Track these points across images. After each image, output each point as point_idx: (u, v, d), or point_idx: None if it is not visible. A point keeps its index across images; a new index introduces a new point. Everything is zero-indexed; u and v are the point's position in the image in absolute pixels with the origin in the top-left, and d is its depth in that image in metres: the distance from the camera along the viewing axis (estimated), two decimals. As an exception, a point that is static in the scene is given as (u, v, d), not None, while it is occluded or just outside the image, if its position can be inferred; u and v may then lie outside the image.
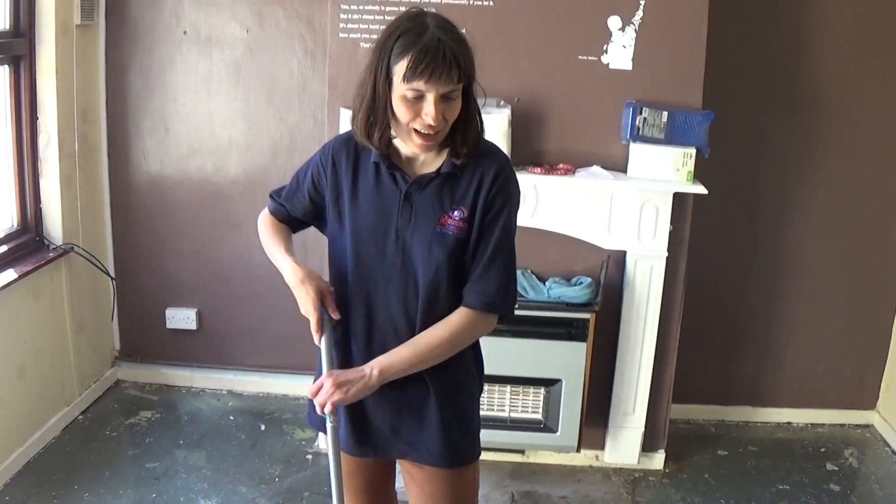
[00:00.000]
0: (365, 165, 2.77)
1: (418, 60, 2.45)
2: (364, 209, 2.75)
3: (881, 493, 5.18)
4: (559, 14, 4.73)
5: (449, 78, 2.49)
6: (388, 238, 2.73)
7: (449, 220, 2.71)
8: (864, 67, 5.40)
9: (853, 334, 5.83)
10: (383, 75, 2.53)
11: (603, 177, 4.70)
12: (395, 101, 2.55)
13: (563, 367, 4.84)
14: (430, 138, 2.61)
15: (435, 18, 2.56)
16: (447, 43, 2.48)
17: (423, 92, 2.50)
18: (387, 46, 2.52)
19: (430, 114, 2.52)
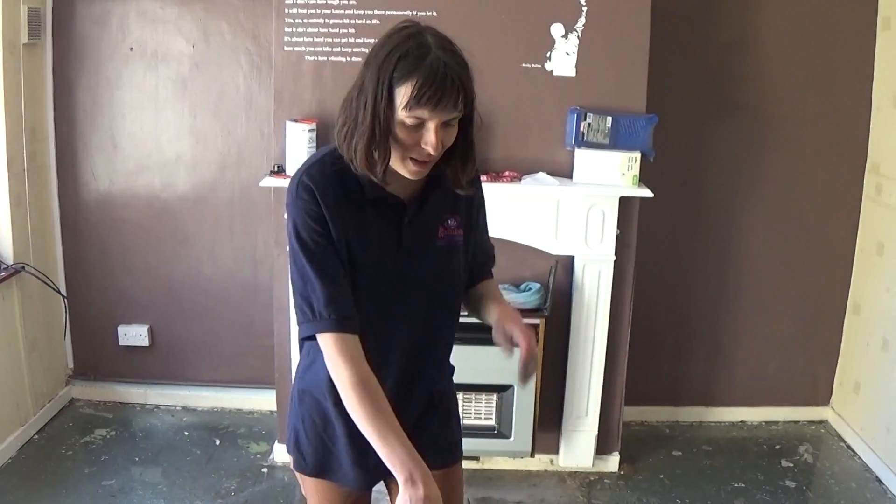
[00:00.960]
0: (354, 197, 2.51)
1: (424, 87, 2.27)
2: (366, 244, 2.53)
3: (837, 487, 5.25)
4: (502, 22, 4.77)
5: (455, 106, 2.33)
6: (395, 265, 2.57)
7: (448, 231, 2.65)
8: (806, 67, 5.48)
9: (804, 331, 5.90)
10: (384, 100, 2.31)
11: (549, 183, 4.75)
12: (393, 127, 2.35)
13: (514, 372, 4.79)
14: (425, 165, 2.44)
15: (435, 37, 2.39)
16: (453, 67, 2.33)
17: (424, 120, 2.32)
18: (386, 68, 2.31)
19: (431, 143, 2.34)
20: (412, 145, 2.37)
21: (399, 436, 2.35)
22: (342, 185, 2.49)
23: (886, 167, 5.42)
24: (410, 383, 2.71)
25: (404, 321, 2.63)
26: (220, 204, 5.63)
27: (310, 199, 2.46)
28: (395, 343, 2.64)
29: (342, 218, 2.48)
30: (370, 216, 2.53)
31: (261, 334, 5.54)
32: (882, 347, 5.39)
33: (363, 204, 2.52)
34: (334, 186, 2.49)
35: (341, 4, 4.75)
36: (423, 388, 2.78)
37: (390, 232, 2.56)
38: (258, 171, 5.29)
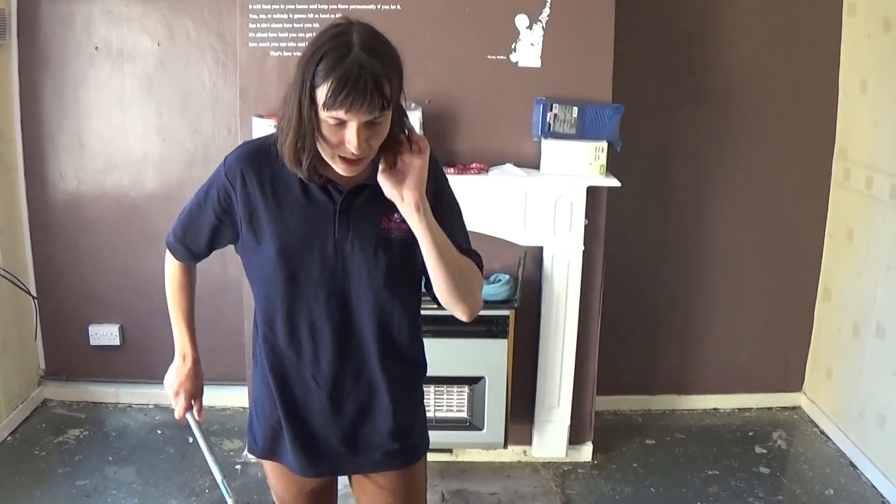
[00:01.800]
0: (287, 178, 2.57)
1: (338, 89, 2.26)
2: (292, 224, 2.60)
3: (811, 473, 5.28)
4: (467, 15, 4.78)
5: (371, 107, 2.29)
6: (325, 251, 2.60)
7: (391, 224, 2.62)
8: (773, 55, 5.51)
9: (776, 318, 5.93)
10: (307, 99, 2.33)
11: (516, 174, 4.76)
12: (319, 125, 2.36)
13: (485, 364, 4.89)
14: (356, 163, 2.44)
15: (361, 35, 2.35)
16: (370, 68, 2.28)
17: (344, 120, 2.32)
18: (310, 67, 2.32)
19: (353, 142, 2.34)
20: (338, 143, 2.38)
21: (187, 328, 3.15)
22: (276, 166, 2.55)
23: (854, 153, 5.44)
24: (344, 380, 2.73)
25: (328, 305, 2.66)
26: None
27: (228, 169, 2.65)
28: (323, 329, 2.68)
29: (248, 191, 2.60)
30: (303, 197, 2.59)
31: (231, 331, 5.52)
32: (853, 332, 5.42)
33: (298, 185, 2.58)
34: (265, 166, 2.59)
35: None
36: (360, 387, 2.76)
37: (323, 215, 2.59)
38: (225, 168, 5.29)
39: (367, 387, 2.76)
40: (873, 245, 5.22)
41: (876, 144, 5.22)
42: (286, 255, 2.60)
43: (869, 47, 5.30)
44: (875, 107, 5.23)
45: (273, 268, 2.62)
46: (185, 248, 2.89)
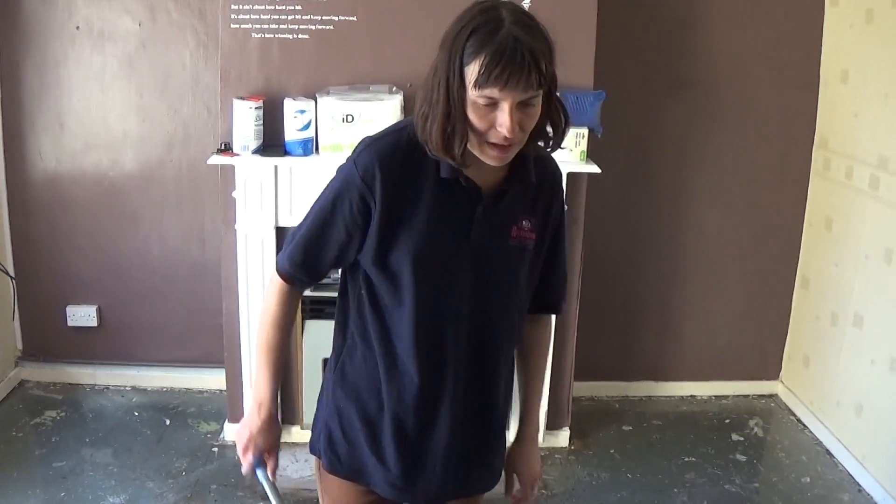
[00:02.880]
0: (427, 175, 2.38)
1: (492, 64, 2.13)
2: (432, 228, 2.39)
3: (787, 461, 5.30)
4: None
5: (528, 83, 2.16)
6: (462, 260, 2.43)
7: (521, 233, 2.48)
8: (755, 44, 5.51)
9: (753, 306, 5.95)
10: (457, 79, 2.20)
11: (494, 158, 4.73)
12: (466, 108, 2.22)
13: None
14: (506, 150, 2.28)
15: (511, 12, 2.22)
16: (525, 42, 2.15)
17: (497, 100, 2.18)
18: (457, 45, 2.20)
19: (506, 125, 2.19)
20: (487, 128, 2.23)
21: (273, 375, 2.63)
22: (414, 164, 2.37)
23: (834, 142, 5.45)
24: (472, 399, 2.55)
25: (459, 320, 2.47)
26: (168, 183, 5.59)
27: (367, 173, 2.36)
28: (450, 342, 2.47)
29: (400, 204, 2.37)
30: (441, 200, 2.39)
31: (209, 313, 5.48)
32: (831, 321, 5.43)
33: (436, 187, 2.38)
34: (404, 164, 2.37)
35: (288, -19, 4.73)
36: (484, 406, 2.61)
37: (460, 221, 2.41)
38: (205, 149, 5.24)
39: (489, 405, 2.62)
40: (852, 235, 5.23)
41: (856, 135, 5.23)
42: (425, 264, 2.41)
43: (850, 38, 5.31)
44: (856, 97, 5.24)
45: (407, 278, 2.41)
46: (306, 273, 2.55)
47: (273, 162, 4.73)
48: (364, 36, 4.79)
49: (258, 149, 4.71)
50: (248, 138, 4.68)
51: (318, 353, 4.88)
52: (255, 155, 4.71)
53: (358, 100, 4.61)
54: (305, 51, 4.79)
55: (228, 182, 4.82)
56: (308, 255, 2.50)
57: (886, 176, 4.89)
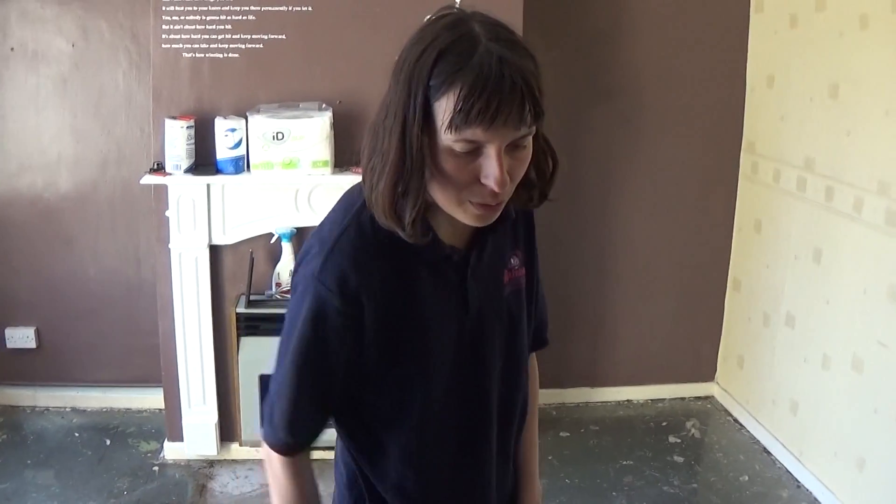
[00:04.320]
0: (404, 261, 1.86)
1: (472, 96, 1.62)
2: (432, 321, 1.93)
3: (725, 460, 5.33)
4: (377, 15, 4.77)
5: (521, 119, 1.67)
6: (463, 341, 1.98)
7: (512, 274, 2.05)
8: (682, 52, 5.56)
9: (687, 309, 5.98)
10: (418, 120, 1.68)
11: (425, 173, 4.73)
12: (438, 157, 1.72)
13: None
14: (493, 209, 1.79)
15: (484, 25, 1.72)
16: (512, 63, 1.65)
17: (480, 144, 1.68)
18: (418, 75, 1.68)
19: (495, 175, 1.69)
20: (468, 182, 1.73)
21: None
22: (386, 251, 1.84)
23: (761, 146, 5.50)
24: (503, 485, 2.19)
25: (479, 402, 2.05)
26: (102, 203, 5.55)
27: (340, 283, 1.82)
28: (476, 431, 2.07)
29: (388, 306, 1.86)
30: (425, 283, 1.91)
31: (146, 333, 5.44)
32: (763, 322, 5.47)
33: (417, 267, 1.89)
34: (378, 259, 1.85)
35: (217, 1, 4.72)
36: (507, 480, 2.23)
37: (452, 297, 1.94)
38: (139, 169, 5.20)
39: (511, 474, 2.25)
40: (781, 236, 5.27)
41: (783, 138, 5.27)
42: (429, 365, 1.95)
43: (776, 42, 5.35)
44: (782, 101, 5.28)
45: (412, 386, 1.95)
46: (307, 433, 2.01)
47: (205, 180, 4.72)
48: (293, 54, 4.79)
49: (190, 168, 4.70)
50: (180, 157, 4.66)
51: (254, 369, 4.86)
52: (188, 174, 4.69)
53: (288, 117, 4.61)
54: (236, 69, 4.78)
55: (162, 201, 4.81)
56: (299, 416, 1.96)
57: (813, 177, 4.93)
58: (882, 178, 4.42)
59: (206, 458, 5.12)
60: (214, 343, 4.94)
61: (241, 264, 4.87)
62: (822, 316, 4.94)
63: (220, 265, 4.92)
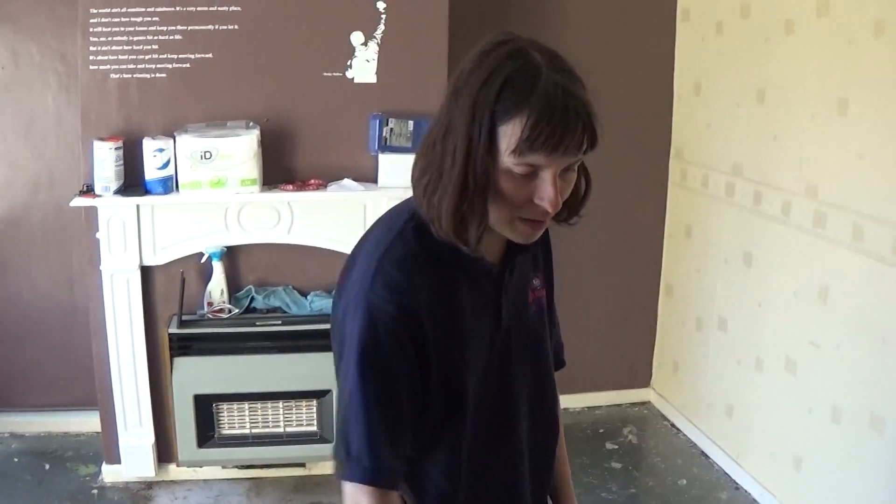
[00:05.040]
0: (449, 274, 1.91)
1: (540, 125, 1.69)
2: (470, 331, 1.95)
3: (663, 465, 5.37)
4: (303, 32, 4.76)
5: (578, 147, 1.76)
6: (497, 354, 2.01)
7: (536, 294, 2.12)
8: (608, 61, 5.58)
9: (620, 316, 6.02)
10: (482, 143, 1.73)
11: (354, 189, 4.76)
12: (496, 177, 1.77)
13: (331, 377, 4.73)
14: (541, 226, 1.87)
15: (544, 54, 1.79)
16: (574, 94, 1.75)
17: (538, 168, 1.76)
18: (484, 100, 1.73)
19: (550, 198, 1.77)
20: (522, 202, 1.80)
21: None
22: (431, 263, 1.88)
23: (689, 153, 5.54)
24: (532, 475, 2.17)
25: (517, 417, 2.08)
26: (35, 227, 5.50)
27: (390, 301, 1.83)
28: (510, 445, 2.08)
29: (435, 317, 1.87)
30: (466, 297, 1.94)
31: (82, 356, 5.35)
32: (697, 326, 5.50)
33: (457, 282, 1.92)
34: (424, 271, 1.87)
35: (144, 21, 4.69)
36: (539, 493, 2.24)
37: (488, 310, 1.98)
38: (70, 191, 5.12)
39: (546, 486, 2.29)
40: (711, 241, 5.31)
41: (710, 144, 5.31)
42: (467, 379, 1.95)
43: (702, 50, 5.39)
44: (708, 108, 5.33)
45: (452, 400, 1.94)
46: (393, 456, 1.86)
47: (134, 201, 4.69)
48: (220, 73, 4.77)
49: (120, 189, 4.66)
50: (109, 179, 4.63)
51: (188, 389, 4.83)
52: (117, 195, 4.65)
53: (215, 136, 4.59)
54: (163, 89, 4.75)
55: (92, 224, 4.77)
56: (385, 434, 1.84)
57: (741, 182, 4.97)
58: (809, 180, 4.46)
59: (144, 479, 5.08)
60: (148, 364, 4.90)
61: (172, 285, 4.84)
62: (754, 319, 4.98)
63: (152, 286, 4.88)
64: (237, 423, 4.97)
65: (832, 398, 4.39)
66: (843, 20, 4.23)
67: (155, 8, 4.68)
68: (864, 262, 4.14)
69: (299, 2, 4.77)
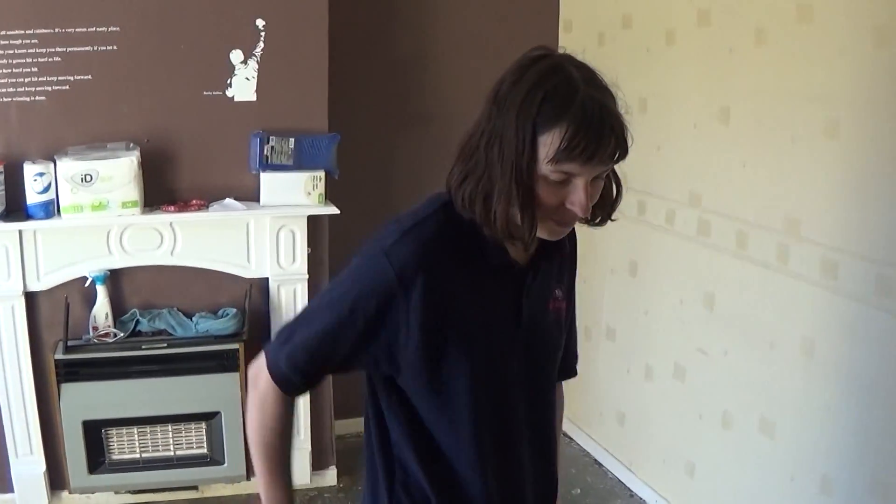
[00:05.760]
0: (470, 269, 2.00)
1: (577, 137, 1.81)
2: (483, 333, 2.03)
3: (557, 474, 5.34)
4: (182, 52, 4.73)
5: (611, 157, 1.87)
6: (515, 353, 2.09)
7: (556, 304, 2.19)
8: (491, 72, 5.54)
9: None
10: (526, 153, 1.85)
11: (236, 208, 4.74)
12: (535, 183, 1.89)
13: (219, 399, 4.84)
14: (569, 225, 2.00)
15: (580, 69, 1.90)
16: (609, 109, 1.86)
17: (572, 175, 1.87)
18: (527, 111, 1.84)
19: (581, 203, 1.89)
20: (555, 206, 1.91)
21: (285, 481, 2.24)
22: (458, 255, 1.99)
23: (576, 164, 5.56)
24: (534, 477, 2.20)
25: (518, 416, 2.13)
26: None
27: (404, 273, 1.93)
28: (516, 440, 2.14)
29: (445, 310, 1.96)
30: (489, 291, 2.04)
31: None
32: (585, 336, 5.50)
33: (481, 276, 2.02)
34: (451, 258, 1.98)
35: (23, 44, 4.62)
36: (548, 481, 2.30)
37: (509, 305, 2.07)
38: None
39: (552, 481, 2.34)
40: (597, 251, 5.33)
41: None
42: (483, 372, 2.04)
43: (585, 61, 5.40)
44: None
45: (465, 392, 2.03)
46: (304, 380, 2.08)
47: (17, 227, 4.62)
48: (100, 94, 4.72)
49: (2, 214, 4.59)
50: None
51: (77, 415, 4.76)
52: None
53: (95, 158, 4.54)
54: (43, 112, 4.69)
55: (-30, 256, 4.70)
56: (313, 361, 2.04)
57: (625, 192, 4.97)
58: (693, 189, 4.51)
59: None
60: (36, 391, 4.81)
61: (57, 310, 4.77)
62: (642, 327, 5.03)
63: (37, 312, 4.80)
64: (127, 447, 4.91)
65: (722, 404, 4.45)
66: (724, 29, 4.31)
67: (34, 30, 4.61)
68: (748, 268, 4.21)
69: (178, 21, 4.73)
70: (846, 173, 3.66)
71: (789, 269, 3.95)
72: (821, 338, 3.83)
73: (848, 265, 3.65)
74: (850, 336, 3.68)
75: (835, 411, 3.78)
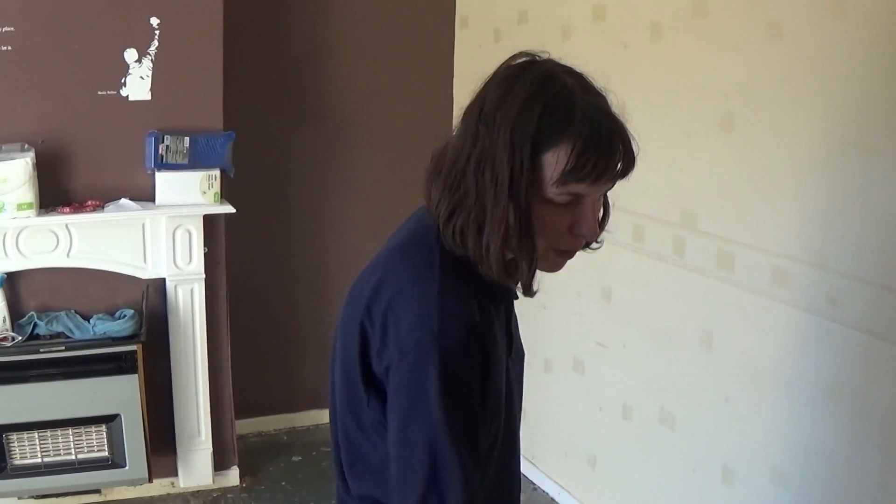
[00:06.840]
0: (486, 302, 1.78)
1: (587, 153, 1.63)
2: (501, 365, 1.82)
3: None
4: (76, 51, 4.69)
5: (620, 174, 1.72)
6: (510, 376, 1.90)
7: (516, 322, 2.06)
8: (387, 69, 5.66)
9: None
10: (525, 175, 1.65)
11: (131, 209, 4.71)
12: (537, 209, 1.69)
13: (118, 401, 4.79)
14: (572, 256, 1.82)
15: (570, 75, 1.71)
16: (616, 120, 1.70)
17: (581, 196, 1.70)
18: (523, 128, 1.64)
19: (591, 228, 1.73)
20: (561, 232, 1.73)
21: None
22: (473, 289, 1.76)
23: (474, 163, 5.58)
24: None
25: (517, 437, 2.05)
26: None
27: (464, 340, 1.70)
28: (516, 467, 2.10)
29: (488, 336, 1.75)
30: (496, 317, 1.83)
31: None
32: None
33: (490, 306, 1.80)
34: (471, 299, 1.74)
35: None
36: None
37: (504, 333, 1.89)
38: None
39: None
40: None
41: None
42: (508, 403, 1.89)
43: (480, 57, 5.47)
44: (487, 115, 5.37)
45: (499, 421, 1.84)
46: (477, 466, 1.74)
47: (-89, 231, 4.56)
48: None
49: None
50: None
51: None
52: None
53: (-12, 161, 4.48)
54: (-63, 113, 4.63)
55: None
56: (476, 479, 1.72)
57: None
58: (590, 183, 4.53)
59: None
60: (-64, 400, 4.74)
61: (-47, 316, 4.70)
62: (540, 321, 5.06)
63: (-66, 318, 4.74)
64: (28, 452, 4.84)
65: (622, 396, 4.52)
66: (619, 24, 4.38)
67: (-73, 30, 4.58)
68: (645, 262, 4.28)
69: (72, 20, 4.68)
70: (741, 166, 3.73)
71: (686, 262, 4.03)
72: (718, 329, 3.91)
73: (744, 257, 3.73)
74: (747, 327, 3.76)
75: (734, 402, 3.86)
